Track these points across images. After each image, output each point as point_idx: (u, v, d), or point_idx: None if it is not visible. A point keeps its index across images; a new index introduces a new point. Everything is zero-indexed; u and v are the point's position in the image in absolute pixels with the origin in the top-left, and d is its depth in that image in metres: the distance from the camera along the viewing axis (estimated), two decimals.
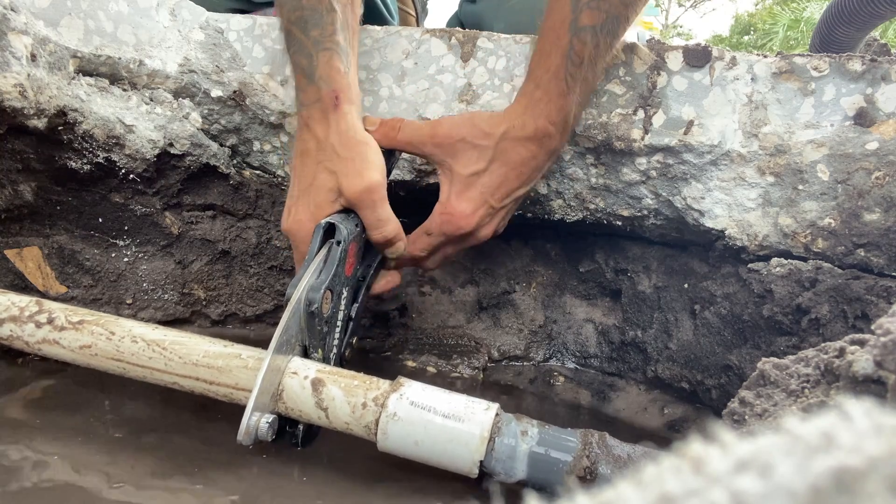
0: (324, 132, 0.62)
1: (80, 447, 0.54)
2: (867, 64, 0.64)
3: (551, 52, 0.62)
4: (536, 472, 0.48)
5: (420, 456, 0.49)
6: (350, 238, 0.60)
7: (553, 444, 0.48)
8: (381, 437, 0.49)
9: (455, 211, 0.65)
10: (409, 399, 0.49)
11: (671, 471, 0.13)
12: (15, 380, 0.65)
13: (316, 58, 0.62)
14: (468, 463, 0.48)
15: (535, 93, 0.63)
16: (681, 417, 0.75)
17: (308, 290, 0.55)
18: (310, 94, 0.62)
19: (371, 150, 0.62)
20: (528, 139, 0.64)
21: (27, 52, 0.64)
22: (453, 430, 0.48)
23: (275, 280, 0.88)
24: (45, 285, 0.78)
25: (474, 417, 0.49)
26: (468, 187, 0.65)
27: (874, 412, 0.14)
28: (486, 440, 0.48)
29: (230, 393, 0.54)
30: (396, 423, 0.49)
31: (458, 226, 0.65)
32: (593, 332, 0.88)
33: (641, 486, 0.13)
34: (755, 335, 0.69)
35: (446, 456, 0.48)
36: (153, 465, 0.52)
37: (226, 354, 0.54)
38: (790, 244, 0.67)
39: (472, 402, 0.50)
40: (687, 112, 0.69)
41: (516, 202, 0.69)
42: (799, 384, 0.42)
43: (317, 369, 0.53)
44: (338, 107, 0.61)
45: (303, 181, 0.62)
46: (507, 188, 0.66)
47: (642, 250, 0.83)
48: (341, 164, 0.60)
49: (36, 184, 0.74)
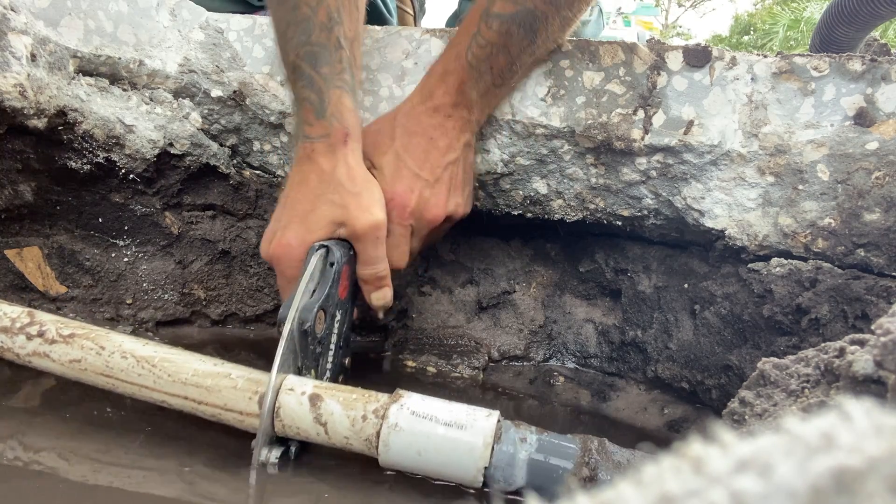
0: (330, 166, 0.63)
1: (75, 441, 0.54)
2: (867, 64, 0.64)
3: (460, 35, 0.67)
4: (536, 479, 0.47)
5: (423, 467, 0.49)
6: (343, 261, 0.60)
7: (552, 451, 0.48)
8: (382, 449, 0.49)
9: (394, 194, 0.66)
10: (410, 409, 0.49)
11: (671, 471, 0.13)
12: (15, 379, 0.65)
13: (327, 94, 0.63)
14: (472, 471, 0.48)
15: (436, 68, 0.68)
16: (681, 417, 0.75)
17: (301, 310, 0.55)
18: (317, 129, 0.63)
19: (377, 189, 0.64)
20: (430, 110, 0.67)
21: (27, 52, 0.64)
22: (456, 438, 0.48)
23: (275, 280, 0.88)
24: (45, 285, 0.78)
25: (476, 425, 0.48)
26: (395, 171, 0.67)
27: (874, 412, 0.14)
28: (489, 446, 0.47)
29: (218, 413, 0.53)
30: (398, 433, 0.48)
31: (401, 206, 0.66)
32: (593, 332, 0.88)
33: (641, 487, 0.13)
34: (755, 335, 0.69)
35: (450, 465, 0.48)
36: (148, 451, 0.52)
37: (215, 374, 0.54)
38: (790, 244, 0.67)
39: (474, 411, 0.50)
40: (687, 112, 0.69)
41: (451, 172, 0.69)
42: (799, 384, 0.42)
43: (314, 385, 0.52)
44: (346, 143, 0.63)
45: (297, 209, 0.63)
46: (431, 158, 0.67)
47: (642, 250, 0.83)
48: (349, 199, 0.61)
49: (36, 184, 0.74)
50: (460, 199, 0.71)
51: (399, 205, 0.66)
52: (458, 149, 0.69)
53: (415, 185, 0.66)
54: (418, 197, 0.66)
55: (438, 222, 0.69)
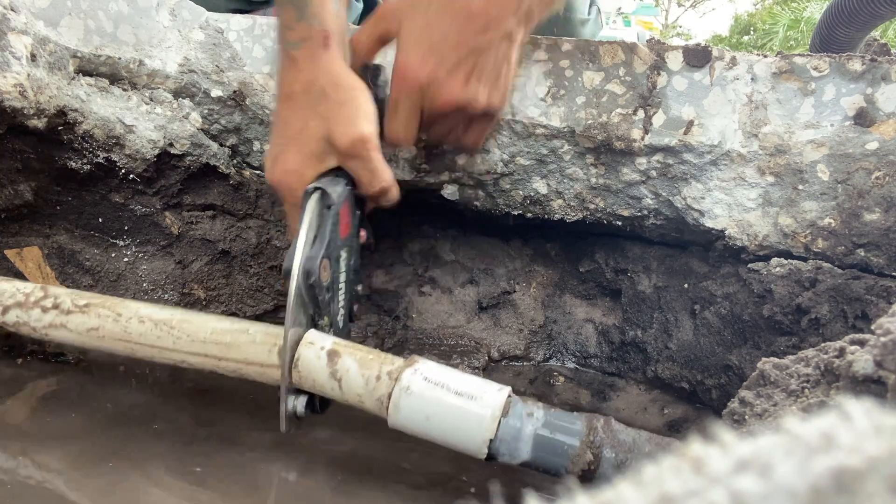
0: (312, 73, 0.59)
1: (78, 441, 0.54)
2: (867, 64, 0.64)
3: None
4: (541, 453, 0.48)
5: (430, 433, 0.49)
6: (341, 201, 0.58)
7: (558, 427, 0.49)
8: (392, 410, 0.49)
9: (406, 64, 0.61)
10: (423, 375, 0.50)
11: (671, 471, 0.13)
12: (16, 379, 0.65)
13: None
14: (478, 441, 0.48)
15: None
16: (681, 417, 0.75)
17: (304, 263, 0.54)
18: (298, 32, 0.59)
19: (363, 97, 0.59)
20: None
21: (27, 52, 0.64)
22: (465, 407, 0.48)
23: (275, 280, 0.88)
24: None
25: (486, 397, 0.49)
26: (418, 40, 0.61)
27: (874, 412, 0.14)
28: (497, 419, 0.48)
29: (239, 368, 0.54)
30: (409, 396, 0.49)
31: (412, 79, 0.61)
32: (593, 332, 0.88)
33: (641, 486, 0.13)
34: (755, 335, 0.69)
35: (457, 433, 0.49)
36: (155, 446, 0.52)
37: (234, 330, 0.55)
38: (790, 244, 0.67)
39: (485, 384, 0.50)
40: (687, 112, 0.69)
41: (481, 57, 0.62)
42: (799, 384, 0.42)
43: (333, 341, 0.53)
44: (328, 47, 0.59)
45: (289, 127, 0.60)
46: (462, 39, 0.61)
47: (642, 250, 0.83)
48: (333, 110, 0.58)
49: (36, 184, 0.74)
50: (484, 89, 0.63)
51: (408, 77, 0.61)
52: (497, 33, 0.62)
53: (429, 57, 0.61)
54: (430, 71, 0.61)
55: (450, 108, 0.63)
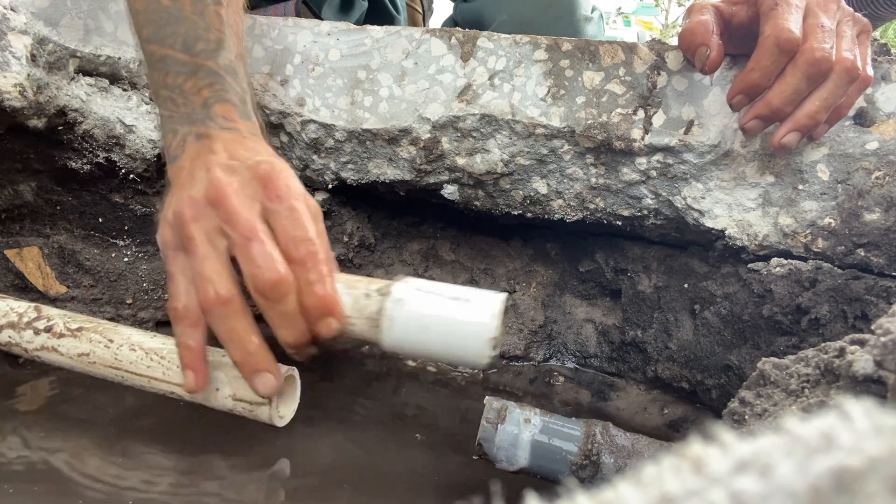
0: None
1: (78, 439, 0.54)
2: None
3: None
4: (539, 460, 0.48)
5: (428, 345, 0.48)
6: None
7: (556, 433, 0.49)
8: (386, 325, 0.47)
9: (780, 25, 0.56)
10: (415, 286, 0.49)
11: (671, 471, 0.13)
12: (16, 379, 0.65)
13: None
14: (481, 342, 0.46)
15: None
16: (681, 417, 0.75)
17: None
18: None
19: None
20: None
21: (27, 52, 0.64)
22: (463, 309, 0.47)
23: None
24: (45, 285, 0.78)
25: (481, 297, 0.47)
26: (793, 6, 0.57)
27: (874, 412, 0.14)
28: (496, 317, 0.46)
29: (225, 403, 0.54)
30: (402, 307, 0.47)
31: (787, 39, 0.56)
32: (593, 331, 0.88)
33: (641, 486, 0.13)
34: (755, 335, 0.69)
35: (458, 340, 0.47)
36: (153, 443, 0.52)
37: (222, 364, 0.54)
38: (790, 244, 0.67)
39: (477, 290, 0.49)
40: (687, 112, 0.69)
41: (850, 25, 0.60)
42: (799, 384, 0.42)
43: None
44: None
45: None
46: (835, 3, 0.59)
47: (642, 250, 0.83)
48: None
49: (36, 184, 0.74)
50: (859, 56, 0.59)
51: (781, 34, 0.57)
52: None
53: (804, 21, 0.58)
54: (806, 32, 0.57)
55: (829, 72, 0.57)
